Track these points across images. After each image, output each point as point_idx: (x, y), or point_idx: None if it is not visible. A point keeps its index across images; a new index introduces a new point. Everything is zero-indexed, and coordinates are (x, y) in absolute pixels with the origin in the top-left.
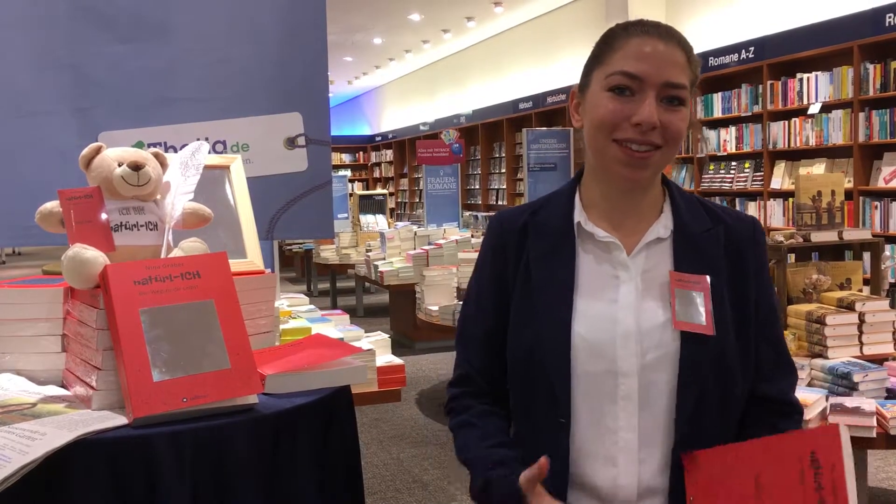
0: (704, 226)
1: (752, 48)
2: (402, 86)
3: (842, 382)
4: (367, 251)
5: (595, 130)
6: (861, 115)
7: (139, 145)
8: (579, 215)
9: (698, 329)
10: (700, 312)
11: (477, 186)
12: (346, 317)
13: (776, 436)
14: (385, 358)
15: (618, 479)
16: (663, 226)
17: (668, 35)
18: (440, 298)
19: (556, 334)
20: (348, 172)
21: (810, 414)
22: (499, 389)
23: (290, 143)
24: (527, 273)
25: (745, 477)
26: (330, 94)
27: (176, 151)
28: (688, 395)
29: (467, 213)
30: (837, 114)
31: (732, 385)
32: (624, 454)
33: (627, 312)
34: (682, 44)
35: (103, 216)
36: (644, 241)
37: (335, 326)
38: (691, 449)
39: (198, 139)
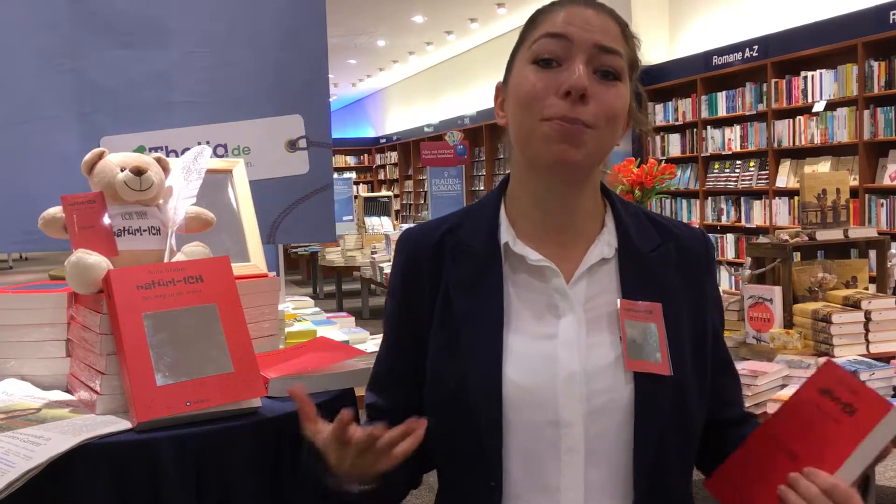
0: (653, 243)
1: (755, 46)
2: (405, 88)
3: None
4: (373, 253)
5: (521, 112)
6: (866, 113)
7: (140, 149)
8: (506, 234)
9: (654, 369)
10: (655, 348)
11: (482, 188)
12: (352, 319)
13: (781, 407)
14: None
15: None
16: (606, 243)
17: (599, 6)
18: None
19: (484, 380)
20: (353, 175)
21: None
22: None
23: (291, 145)
24: (445, 305)
25: (776, 456)
26: (334, 97)
27: (177, 155)
28: (647, 447)
29: None
30: (842, 111)
31: (693, 427)
32: None
33: (570, 350)
34: (615, 18)
35: (106, 221)
36: (586, 263)
37: (340, 329)
38: None
39: (198, 143)
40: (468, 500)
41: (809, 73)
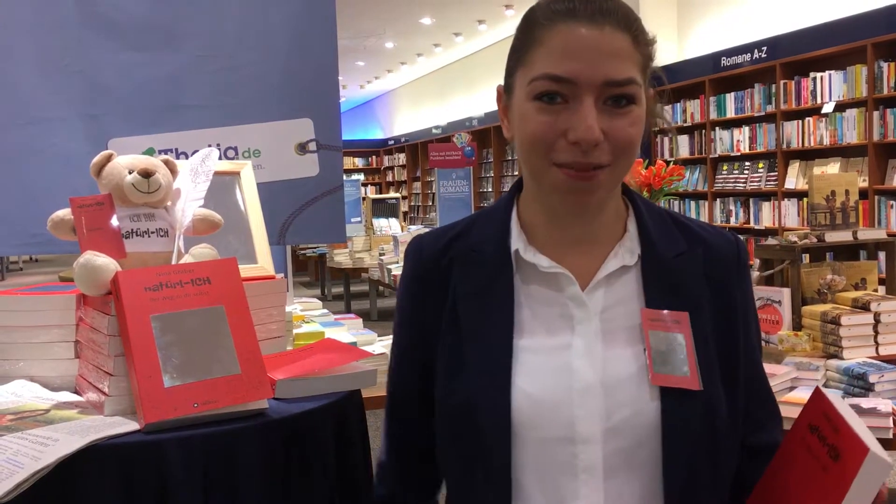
0: (679, 248)
1: (764, 48)
2: (414, 89)
3: (857, 383)
4: (381, 255)
5: (527, 150)
6: (875, 114)
7: (149, 152)
8: (517, 241)
9: (682, 383)
10: (682, 361)
11: (490, 189)
12: (360, 321)
13: (779, 449)
14: None
15: None
16: (628, 250)
17: (602, 13)
18: None
19: (494, 392)
20: (361, 176)
21: None
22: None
23: (302, 148)
24: (453, 315)
25: (781, 495)
26: (342, 99)
27: (187, 158)
28: (677, 467)
29: None
30: (851, 113)
31: (725, 446)
32: None
33: (586, 361)
34: (623, 21)
35: (114, 223)
36: (604, 271)
37: (348, 330)
38: None
39: (209, 145)
40: None
41: (818, 75)
